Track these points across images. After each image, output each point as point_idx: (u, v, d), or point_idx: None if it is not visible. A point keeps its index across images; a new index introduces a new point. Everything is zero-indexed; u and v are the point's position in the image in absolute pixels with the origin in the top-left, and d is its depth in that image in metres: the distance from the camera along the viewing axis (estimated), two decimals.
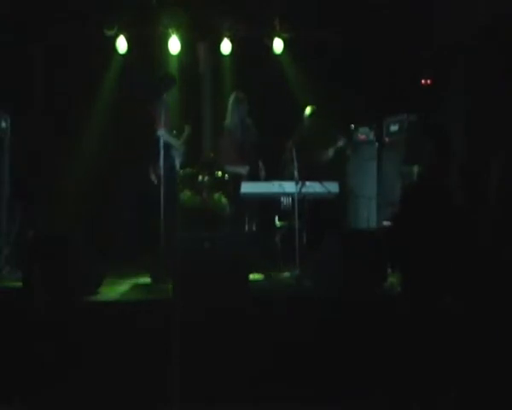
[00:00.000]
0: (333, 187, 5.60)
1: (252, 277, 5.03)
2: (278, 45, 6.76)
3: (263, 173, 5.98)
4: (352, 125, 6.83)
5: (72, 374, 4.01)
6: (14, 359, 4.06)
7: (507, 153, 5.45)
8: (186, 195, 6.26)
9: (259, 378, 3.98)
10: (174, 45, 6.60)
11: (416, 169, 5.53)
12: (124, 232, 6.65)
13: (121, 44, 6.55)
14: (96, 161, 6.70)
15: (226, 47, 6.75)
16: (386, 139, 6.55)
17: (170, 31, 6.54)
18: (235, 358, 4.05)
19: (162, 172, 5.30)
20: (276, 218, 5.89)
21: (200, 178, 6.18)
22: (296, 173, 5.42)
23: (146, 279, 5.31)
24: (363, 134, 6.79)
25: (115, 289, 4.91)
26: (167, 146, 5.44)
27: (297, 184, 5.42)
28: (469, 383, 3.62)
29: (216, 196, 6.20)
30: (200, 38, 7.07)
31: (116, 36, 6.50)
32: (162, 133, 5.34)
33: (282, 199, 5.68)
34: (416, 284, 3.42)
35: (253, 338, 4.09)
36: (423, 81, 6.67)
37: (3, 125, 5.74)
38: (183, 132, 5.73)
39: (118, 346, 4.10)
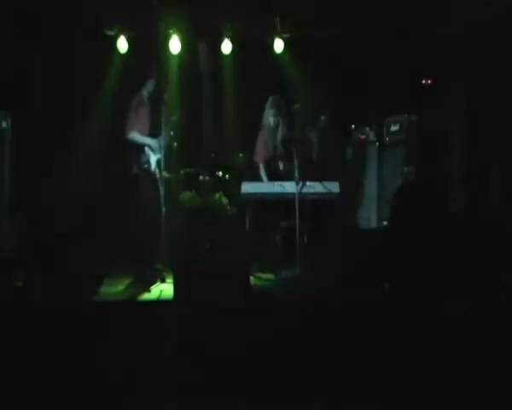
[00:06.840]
0: (333, 187, 5.60)
1: (252, 277, 5.02)
2: (279, 45, 6.76)
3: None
4: (353, 125, 6.83)
5: (72, 373, 4.01)
6: (14, 359, 4.06)
7: (507, 154, 5.46)
8: (186, 195, 6.27)
9: (259, 378, 3.98)
10: (175, 45, 6.60)
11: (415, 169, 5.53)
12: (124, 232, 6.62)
13: (122, 44, 6.56)
14: (96, 161, 6.70)
15: (227, 47, 6.75)
16: (387, 139, 6.55)
17: (170, 31, 6.54)
18: (235, 357, 4.05)
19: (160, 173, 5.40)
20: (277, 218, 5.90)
21: (200, 178, 6.20)
22: (297, 173, 5.43)
23: (146, 279, 5.30)
24: (364, 134, 6.80)
25: (115, 289, 4.91)
26: (140, 147, 5.64)
27: (297, 184, 5.42)
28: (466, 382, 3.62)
29: (216, 195, 6.20)
30: (200, 38, 7.07)
31: (117, 36, 6.50)
32: (134, 136, 5.61)
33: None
34: (411, 285, 3.43)
35: (253, 338, 4.09)
36: (423, 81, 6.66)
37: (4, 125, 5.73)
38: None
39: (118, 346, 4.10)
